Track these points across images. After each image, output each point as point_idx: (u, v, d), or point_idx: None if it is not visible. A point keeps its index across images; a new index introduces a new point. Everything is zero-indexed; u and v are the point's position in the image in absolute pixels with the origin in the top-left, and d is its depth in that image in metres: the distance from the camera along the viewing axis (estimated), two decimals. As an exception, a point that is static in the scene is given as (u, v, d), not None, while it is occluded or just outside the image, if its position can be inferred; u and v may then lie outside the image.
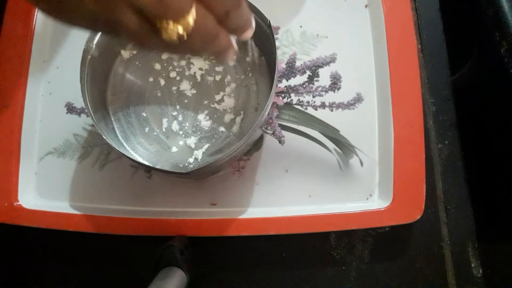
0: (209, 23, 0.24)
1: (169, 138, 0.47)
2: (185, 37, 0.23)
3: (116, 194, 0.48)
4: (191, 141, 0.46)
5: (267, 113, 0.40)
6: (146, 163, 0.43)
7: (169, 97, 0.48)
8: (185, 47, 0.24)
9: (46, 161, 0.49)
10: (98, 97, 0.45)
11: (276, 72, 0.39)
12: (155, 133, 0.47)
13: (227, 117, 0.47)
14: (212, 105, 0.48)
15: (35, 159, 0.49)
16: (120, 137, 0.46)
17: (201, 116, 0.47)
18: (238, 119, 0.47)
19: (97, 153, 0.49)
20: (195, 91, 0.48)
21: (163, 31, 0.22)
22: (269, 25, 0.41)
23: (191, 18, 0.22)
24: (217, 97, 0.48)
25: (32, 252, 0.48)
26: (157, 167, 0.38)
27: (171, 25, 0.22)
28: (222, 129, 0.47)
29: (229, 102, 0.47)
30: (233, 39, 0.28)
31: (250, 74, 0.48)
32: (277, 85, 0.44)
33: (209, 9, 0.24)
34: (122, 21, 0.21)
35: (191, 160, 0.46)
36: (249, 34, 0.28)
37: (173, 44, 0.23)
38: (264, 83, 0.48)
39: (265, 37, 0.43)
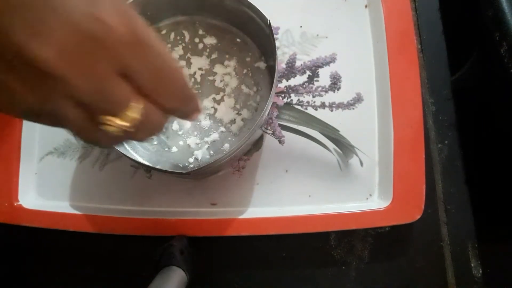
0: (155, 116, 0.23)
1: (169, 138, 0.47)
2: (132, 130, 0.21)
3: (116, 194, 0.48)
4: (191, 141, 0.46)
5: (267, 113, 0.40)
6: (146, 163, 0.43)
7: None
8: (134, 137, 0.23)
9: (47, 161, 0.49)
10: None
11: (276, 72, 0.39)
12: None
13: (227, 117, 0.47)
14: (212, 105, 0.48)
15: (35, 159, 0.49)
16: None
17: (201, 116, 0.47)
18: (238, 119, 0.47)
19: (97, 153, 0.49)
20: (195, 91, 0.48)
21: (107, 126, 0.21)
22: (269, 25, 0.41)
23: (135, 113, 0.21)
24: (217, 97, 0.48)
25: (32, 252, 0.48)
26: (157, 167, 0.38)
27: (114, 119, 0.21)
28: (222, 129, 0.47)
29: (229, 102, 0.47)
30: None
31: (250, 74, 0.48)
32: (277, 85, 0.44)
33: (157, 105, 0.22)
34: (64, 114, 0.20)
35: (191, 160, 0.46)
36: (195, 117, 0.26)
37: (121, 136, 0.22)
38: (264, 83, 0.48)
39: (265, 37, 0.43)
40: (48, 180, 0.49)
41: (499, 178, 0.50)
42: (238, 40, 0.49)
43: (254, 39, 0.48)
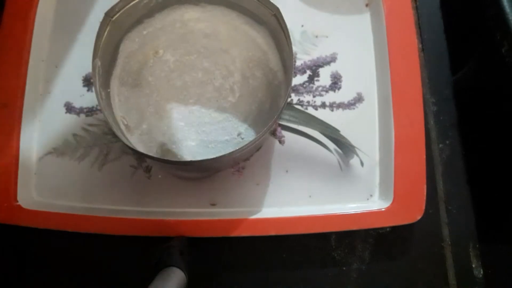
0: None
1: (173, 135, 0.46)
2: None
3: (115, 194, 0.47)
4: (195, 138, 0.46)
5: (278, 117, 0.40)
6: (152, 154, 0.43)
7: (176, 94, 0.48)
8: None
9: (45, 161, 0.49)
10: (105, 87, 0.45)
11: (291, 70, 0.39)
12: (159, 130, 0.47)
13: (234, 117, 0.47)
14: (219, 103, 0.47)
15: (34, 159, 0.49)
16: (124, 132, 0.46)
17: (207, 115, 0.47)
18: (246, 118, 0.47)
19: (96, 153, 0.48)
20: (201, 90, 0.48)
21: None
22: (277, 15, 0.40)
23: None
24: (224, 94, 0.47)
25: (31, 252, 0.48)
26: (157, 157, 0.38)
27: None
28: (228, 128, 0.47)
29: (236, 100, 0.47)
30: None
31: (258, 73, 0.48)
32: (291, 85, 0.42)
33: None
34: None
35: (195, 157, 0.45)
36: None
37: None
38: (275, 81, 0.47)
39: (277, 31, 0.42)
40: (47, 180, 0.48)
41: (501, 178, 0.50)
42: (249, 36, 0.48)
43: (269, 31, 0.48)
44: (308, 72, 0.50)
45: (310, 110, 0.49)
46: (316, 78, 0.50)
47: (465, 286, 0.48)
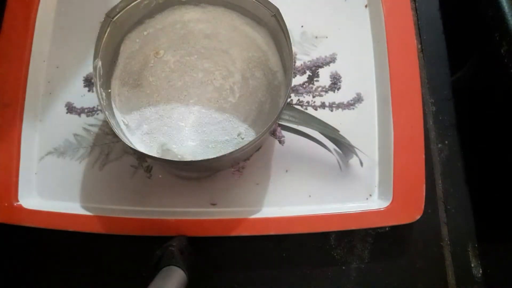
0: None
1: (173, 135, 0.47)
2: None
3: (116, 194, 0.48)
4: (195, 138, 0.46)
5: (278, 117, 0.40)
6: (152, 154, 0.43)
7: (176, 94, 0.48)
8: None
9: (46, 161, 0.49)
10: (105, 86, 0.45)
11: (291, 70, 0.39)
12: (159, 130, 0.47)
13: (234, 117, 0.47)
14: (219, 104, 0.47)
15: (35, 159, 0.49)
16: (125, 132, 0.46)
17: (207, 115, 0.47)
18: (246, 118, 0.47)
19: (97, 153, 0.49)
20: (201, 90, 0.48)
21: None
22: (277, 16, 0.40)
23: None
24: (224, 94, 0.48)
25: (32, 252, 0.48)
26: (158, 157, 0.38)
27: None
28: (228, 128, 0.47)
29: (236, 101, 0.47)
30: None
31: (258, 73, 0.48)
32: (291, 85, 0.42)
33: None
34: None
35: (195, 157, 0.46)
36: None
37: None
38: (275, 81, 0.48)
39: (276, 32, 0.42)
40: (48, 180, 0.48)
41: (499, 178, 0.50)
42: (249, 37, 0.48)
43: (270, 32, 0.48)
44: (308, 73, 0.51)
45: (310, 110, 0.50)
46: (315, 79, 0.50)
47: (464, 285, 0.48)
